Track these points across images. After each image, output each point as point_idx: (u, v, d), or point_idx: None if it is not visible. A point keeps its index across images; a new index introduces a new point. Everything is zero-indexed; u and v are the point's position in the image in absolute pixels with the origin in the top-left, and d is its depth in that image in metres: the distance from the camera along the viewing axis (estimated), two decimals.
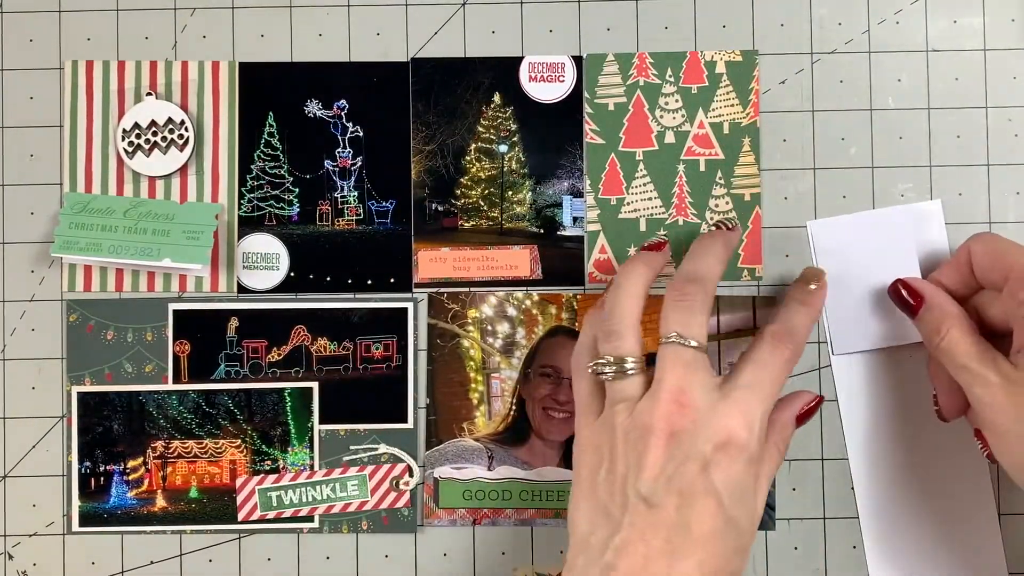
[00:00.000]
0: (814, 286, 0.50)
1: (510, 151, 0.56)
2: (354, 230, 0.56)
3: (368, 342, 0.55)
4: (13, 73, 0.56)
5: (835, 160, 0.55)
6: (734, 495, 0.44)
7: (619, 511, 0.44)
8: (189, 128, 0.55)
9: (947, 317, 0.49)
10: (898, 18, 0.55)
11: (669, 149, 0.55)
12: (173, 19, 0.56)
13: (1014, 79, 0.55)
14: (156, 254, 0.54)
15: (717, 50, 0.55)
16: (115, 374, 0.55)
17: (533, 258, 0.55)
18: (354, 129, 0.56)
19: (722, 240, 0.49)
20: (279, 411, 0.55)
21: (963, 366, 0.48)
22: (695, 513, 0.43)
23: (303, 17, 0.56)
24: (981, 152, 0.55)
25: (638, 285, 0.48)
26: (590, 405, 0.48)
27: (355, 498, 0.55)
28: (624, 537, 0.44)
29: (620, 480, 0.45)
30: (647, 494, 0.44)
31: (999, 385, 0.46)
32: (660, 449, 0.44)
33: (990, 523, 0.54)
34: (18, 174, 0.56)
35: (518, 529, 0.55)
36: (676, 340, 0.45)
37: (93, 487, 0.55)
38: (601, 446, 0.46)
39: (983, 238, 0.50)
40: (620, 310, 0.47)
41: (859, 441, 0.54)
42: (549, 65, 0.56)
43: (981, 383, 0.47)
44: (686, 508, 0.43)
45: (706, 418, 0.44)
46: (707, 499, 0.43)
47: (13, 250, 0.56)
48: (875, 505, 0.54)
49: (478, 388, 0.55)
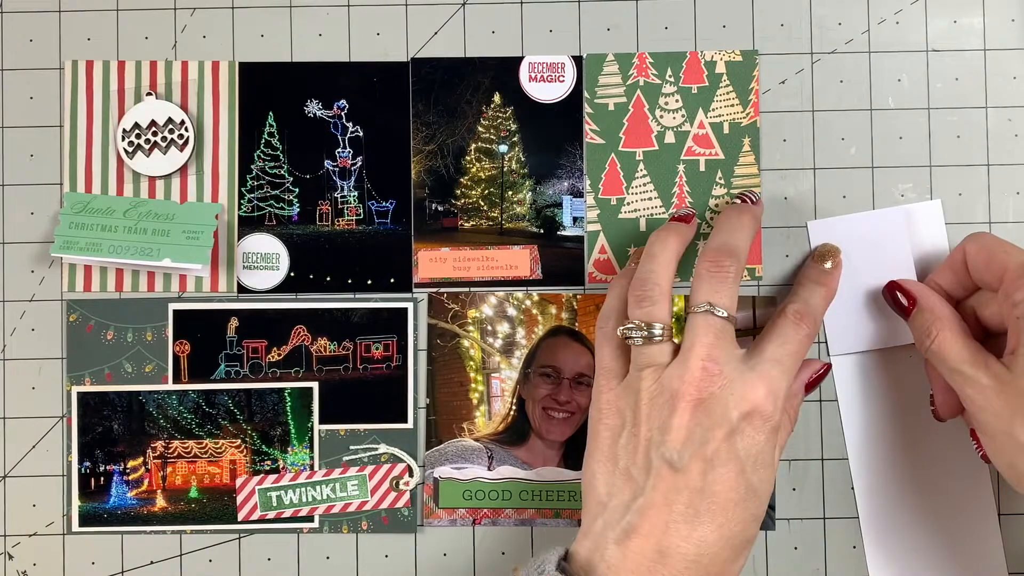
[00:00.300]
0: (829, 264, 0.51)
1: (510, 151, 0.56)
2: (354, 230, 0.56)
3: (368, 342, 0.55)
4: (13, 73, 0.56)
5: (835, 160, 0.55)
6: (756, 463, 0.45)
7: (642, 474, 0.45)
8: (189, 128, 0.55)
9: (938, 319, 0.49)
10: (898, 18, 0.55)
11: (669, 149, 0.55)
12: (173, 19, 0.56)
13: (1014, 79, 0.55)
14: (156, 254, 0.54)
15: (717, 50, 0.55)
16: (115, 374, 0.55)
17: (533, 258, 0.55)
18: (354, 129, 0.56)
19: (750, 215, 0.50)
20: (279, 411, 0.55)
21: (954, 369, 0.48)
22: (718, 479, 0.44)
23: (303, 17, 0.56)
24: (981, 152, 0.55)
25: (671, 253, 0.48)
26: (612, 369, 0.48)
27: (355, 498, 0.55)
28: (647, 500, 0.44)
29: (643, 444, 0.45)
30: (673, 458, 0.44)
31: (991, 387, 0.46)
32: (688, 414, 0.45)
33: (990, 523, 0.54)
34: (18, 174, 0.56)
35: (518, 529, 0.55)
36: (708, 309, 0.46)
37: (93, 487, 0.55)
38: (624, 409, 0.47)
39: (978, 238, 0.50)
40: (654, 276, 0.47)
41: (859, 441, 0.54)
42: (549, 65, 0.56)
43: (972, 385, 0.47)
44: (710, 473, 0.44)
45: (733, 387, 0.45)
46: (730, 466, 0.44)
47: (13, 250, 0.56)
48: (875, 505, 0.54)
49: (478, 388, 0.55)
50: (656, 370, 0.46)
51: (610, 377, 0.48)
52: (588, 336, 0.55)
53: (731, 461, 0.44)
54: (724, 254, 0.47)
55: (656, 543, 0.44)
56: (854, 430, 0.54)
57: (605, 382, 0.48)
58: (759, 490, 0.45)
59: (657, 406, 0.46)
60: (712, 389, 0.45)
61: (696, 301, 0.47)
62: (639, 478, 0.45)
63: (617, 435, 0.47)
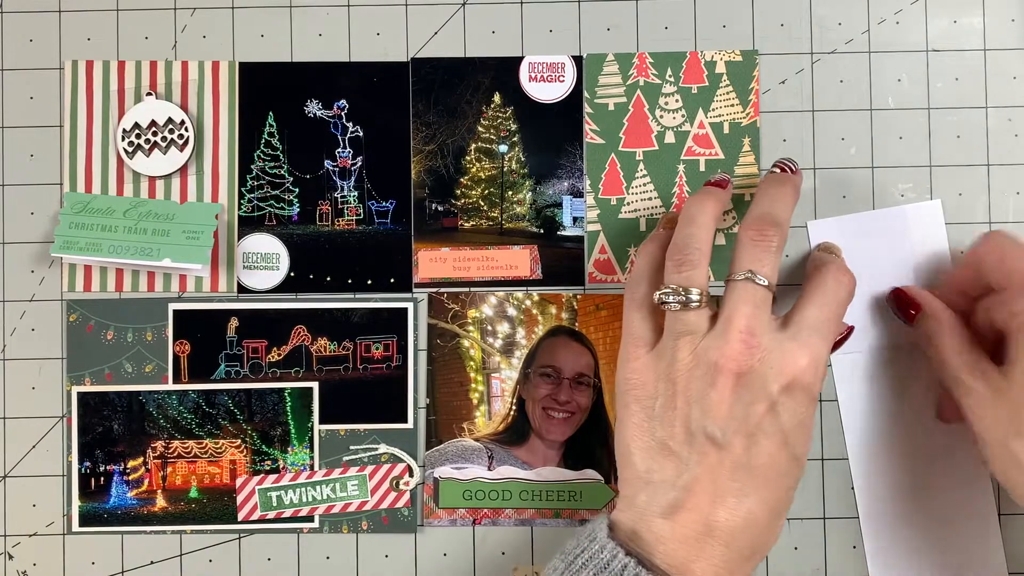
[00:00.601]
0: None
1: (510, 151, 0.56)
2: (354, 230, 0.56)
3: (368, 342, 0.55)
4: (13, 73, 0.56)
5: (835, 160, 0.55)
6: (797, 433, 0.45)
7: (684, 449, 0.45)
8: (189, 128, 0.55)
9: (941, 326, 0.49)
10: (898, 18, 0.55)
11: (669, 149, 0.55)
12: (173, 19, 0.56)
13: (1014, 79, 0.55)
14: (156, 254, 0.54)
15: (717, 50, 0.55)
16: (115, 374, 0.55)
17: (533, 258, 0.55)
18: (354, 129, 0.56)
19: (791, 185, 0.49)
20: (279, 411, 0.55)
21: (954, 376, 0.48)
22: (762, 452, 0.44)
23: (303, 17, 0.56)
24: (981, 152, 0.55)
25: (709, 217, 0.47)
26: (642, 336, 0.47)
27: (355, 498, 0.55)
28: (692, 476, 0.44)
29: (682, 416, 0.45)
30: (716, 435, 0.44)
31: (987, 397, 0.47)
32: (728, 389, 0.44)
33: (990, 523, 0.54)
34: (18, 174, 0.56)
35: (518, 529, 0.55)
36: (749, 277, 0.45)
37: (93, 487, 0.55)
38: (657, 379, 0.46)
39: (993, 236, 0.49)
40: (694, 240, 0.46)
41: (859, 441, 0.54)
42: (549, 65, 0.56)
43: (970, 394, 0.47)
44: (753, 447, 0.44)
45: (773, 358, 0.44)
46: (773, 438, 0.44)
47: (13, 250, 0.56)
48: (875, 505, 0.54)
49: (478, 388, 0.55)
50: (693, 339, 0.45)
51: (639, 344, 0.47)
52: (588, 336, 0.55)
53: (775, 434, 0.44)
54: (768, 223, 0.46)
55: (704, 516, 0.44)
56: (854, 430, 0.54)
57: (633, 349, 0.47)
58: (800, 460, 0.45)
59: (696, 378, 0.45)
60: (751, 362, 0.44)
61: (737, 268, 0.46)
62: (681, 452, 0.45)
63: (649, 405, 0.46)
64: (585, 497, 0.55)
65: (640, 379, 0.47)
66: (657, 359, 0.46)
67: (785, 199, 0.48)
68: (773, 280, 0.46)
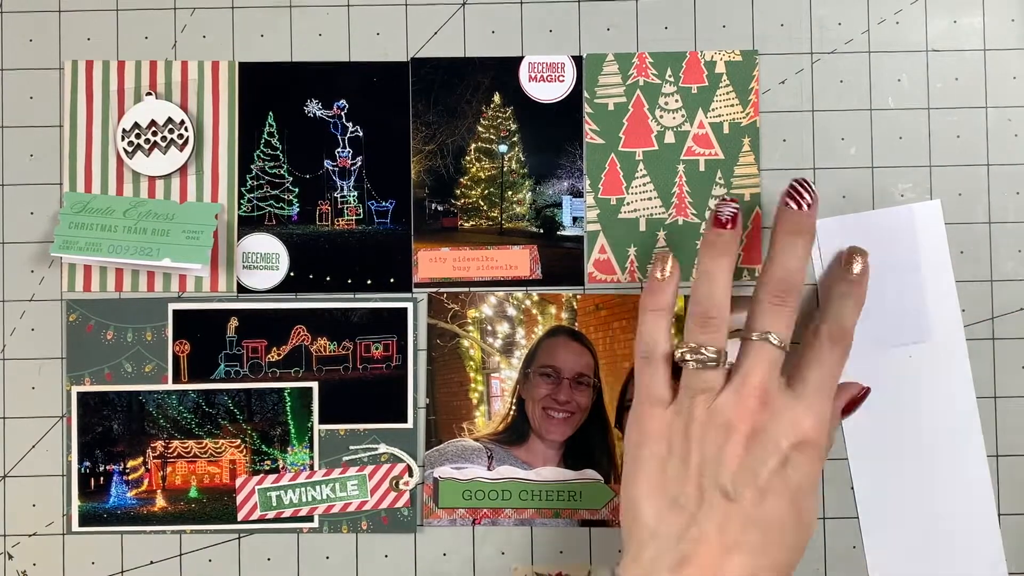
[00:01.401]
0: (858, 268, 0.50)
1: (510, 151, 0.56)
2: (354, 230, 0.56)
3: (368, 342, 0.55)
4: (13, 73, 0.56)
5: (835, 160, 0.55)
6: (805, 491, 0.46)
7: (694, 503, 0.46)
8: (189, 128, 0.55)
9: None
10: (898, 18, 0.55)
11: (669, 149, 0.55)
12: (173, 19, 0.56)
13: (1014, 79, 0.55)
14: (156, 254, 0.54)
15: (717, 50, 0.55)
16: (115, 374, 0.55)
17: (533, 258, 0.55)
18: (354, 129, 0.56)
19: (808, 234, 0.50)
20: (279, 411, 0.55)
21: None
22: (771, 507, 0.45)
23: (303, 17, 0.56)
24: (981, 152, 0.55)
25: (727, 274, 0.49)
26: (659, 395, 0.48)
27: (355, 498, 0.55)
28: (700, 530, 0.45)
29: (695, 472, 0.46)
30: (727, 488, 0.45)
31: None
32: (741, 445, 0.46)
33: (990, 523, 0.54)
34: (18, 174, 0.56)
35: (518, 529, 0.55)
36: (766, 338, 0.47)
37: (93, 487, 0.55)
38: (674, 436, 0.47)
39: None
40: (718, 302, 0.48)
41: (859, 441, 0.54)
42: (549, 65, 0.56)
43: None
44: (762, 503, 0.45)
45: (783, 417, 0.46)
46: (783, 495, 0.45)
47: (13, 250, 0.56)
48: (875, 505, 0.54)
49: (478, 388, 0.55)
50: (709, 396, 0.47)
51: (654, 403, 0.48)
52: (588, 336, 0.55)
53: (784, 491, 0.45)
54: (786, 289, 0.48)
55: (711, 572, 0.44)
56: (854, 431, 0.54)
57: (650, 408, 0.48)
58: (807, 517, 0.46)
59: (711, 435, 0.46)
60: (763, 420, 0.46)
61: (754, 328, 0.48)
62: (691, 507, 0.46)
63: (665, 462, 0.47)
64: (585, 497, 0.55)
65: (657, 436, 0.48)
66: (675, 417, 0.48)
67: (802, 254, 0.49)
68: (788, 339, 0.48)
